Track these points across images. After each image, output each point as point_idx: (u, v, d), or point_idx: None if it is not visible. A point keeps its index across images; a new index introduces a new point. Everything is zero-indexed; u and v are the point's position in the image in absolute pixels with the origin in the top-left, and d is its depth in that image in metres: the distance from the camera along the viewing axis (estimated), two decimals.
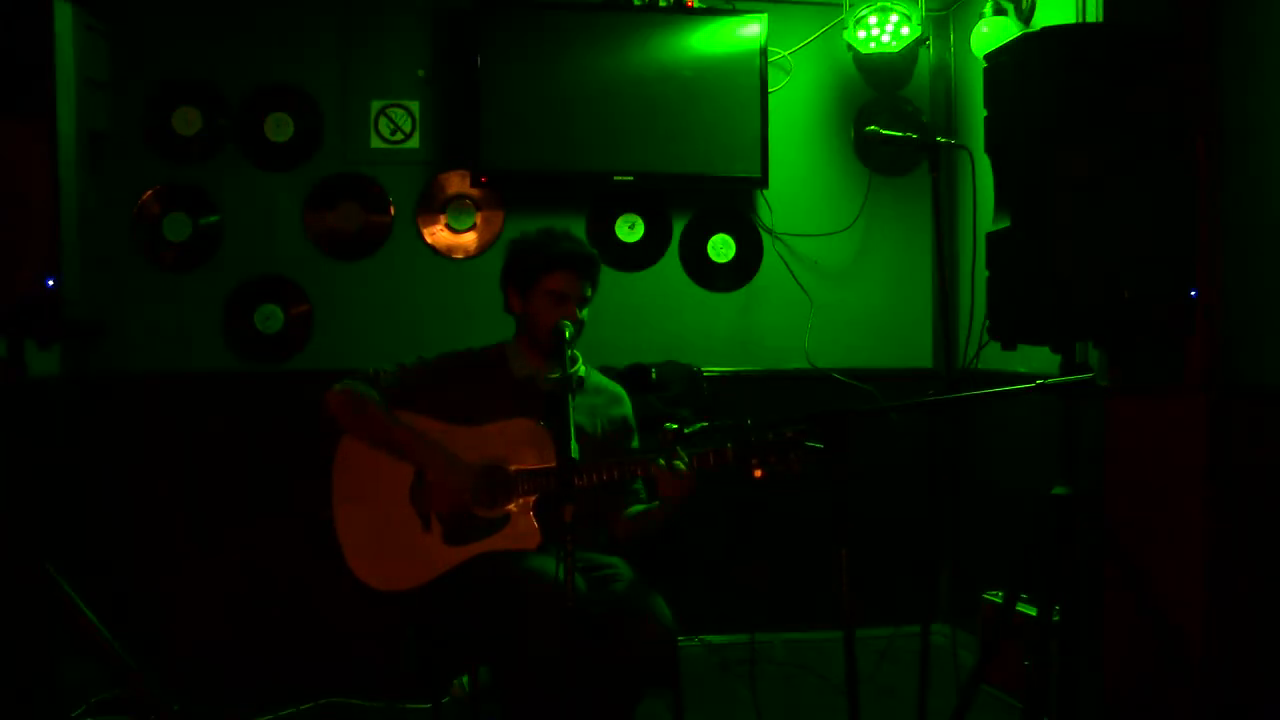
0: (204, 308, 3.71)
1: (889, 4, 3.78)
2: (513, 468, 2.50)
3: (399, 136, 3.79)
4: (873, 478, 3.72)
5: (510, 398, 2.60)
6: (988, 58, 2.56)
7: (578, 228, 3.82)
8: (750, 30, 3.81)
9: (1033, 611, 2.88)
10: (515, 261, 2.68)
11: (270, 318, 3.74)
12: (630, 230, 3.92)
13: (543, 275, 2.61)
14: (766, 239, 3.98)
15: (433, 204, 3.82)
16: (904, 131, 3.48)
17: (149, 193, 3.68)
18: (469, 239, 3.84)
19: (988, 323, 2.57)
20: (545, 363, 2.68)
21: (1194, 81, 2.75)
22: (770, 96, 3.86)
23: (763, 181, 3.85)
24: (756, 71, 3.81)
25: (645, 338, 3.86)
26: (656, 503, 2.57)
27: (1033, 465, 3.27)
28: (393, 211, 3.80)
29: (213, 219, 3.71)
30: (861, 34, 3.81)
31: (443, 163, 3.81)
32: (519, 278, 2.66)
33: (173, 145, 3.69)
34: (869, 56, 3.95)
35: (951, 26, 4.06)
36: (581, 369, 2.74)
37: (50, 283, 2.26)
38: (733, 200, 3.97)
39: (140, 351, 3.65)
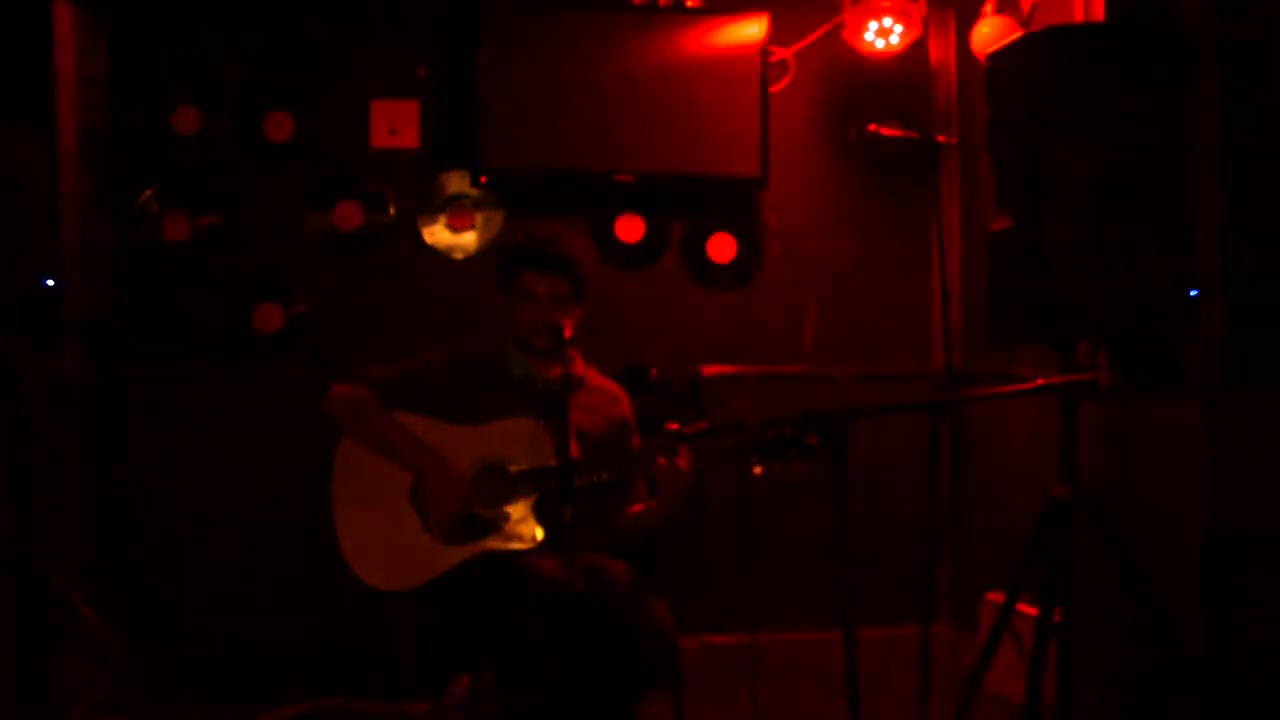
0: (204, 308, 3.70)
1: (889, 4, 3.77)
2: (512, 468, 2.50)
3: (399, 136, 3.79)
4: (873, 477, 3.72)
5: (509, 397, 2.61)
6: (988, 58, 2.56)
7: (578, 228, 3.82)
8: (750, 30, 3.80)
9: (1033, 611, 2.87)
10: (498, 265, 2.73)
11: (270, 318, 3.73)
12: (630, 230, 3.92)
13: (515, 275, 2.65)
14: (767, 239, 3.98)
15: (432, 204, 3.82)
16: (904, 131, 3.48)
17: (148, 192, 3.68)
18: (469, 239, 3.83)
19: (988, 323, 2.57)
20: (543, 363, 2.68)
21: (1194, 81, 2.75)
22: (770, 96, 3.85)
23: (763, 181, 3.85)
24: (756, 71, 3.81)
25: (645, 338, 3.86)
26: (656, 502, 2.57)
27: (1033, 465, 3.27)
28: (392, 211, 3.80)
29: (212, 219, 3.71)
30: (861, 34, 3.80)
31: (443, 162, 3.81)
32: (500, 279, 2.71)
33: (172, 145, 3.68)
34: (869, 56, 3.94)
35: (951, 26, 4.06)
36: (580, 369, 2.74)
37: (50, 282, 2.26)
38: (733, 200, 3.96)
39: (140, 351, 3.64)
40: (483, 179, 3.72)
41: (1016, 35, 2.48)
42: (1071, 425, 2.45)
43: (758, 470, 2.34)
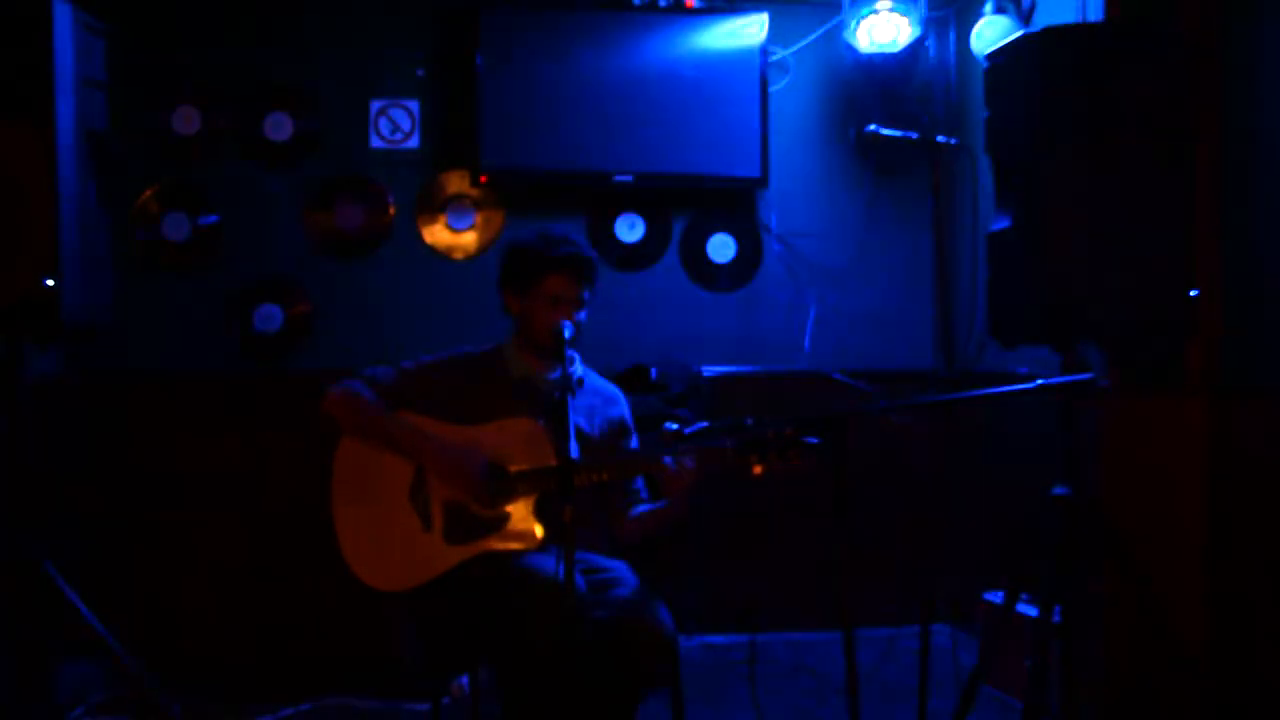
0: (204, 308, 3.71)
1: (889, 4, 3.77)
2: (512, 468, 2.50)
3: (399, 136, 3.80)
4: (873, 477, 3.72)
5: (508, 398, 2.60)
6: (988, 58, 2.56)
7: (577, 228, 3.82)
8: (750, 30, 3.81)
9: (1033, 611, 2.88)
10: (512, 264, 2.67)
11: (270, 318, 3.74)
12: (630, 230, 3.92)
13: (540, 278, 2.60)
14: (766, 239, 3.98)
15: (432, 204, 3.82)
16: (904, 131, 3.49)
17: (148, 192, 3.68)
18: (469, 239, 3.84)
19: (988, 323, 2.57)
20: (542, 363, 2.68)
21: (1195, 81, 2.74)
22: (770, 96, 3.86)
23: (763, 181, 3.85)
24: (756, 71, 3.82)
25: (645, 338, 3.86)
26: (664, 502, 2.56)
27: (1033, 465, 3.26)
28: (392, 211, 3.80)
29: (212, 219, 3.71)
30: (861, 34, 3.80)
31: (443, 163, 3.81)
32: (516, 280, 2.66)
33: (172, 145, 3.69)
34: (869, 56, 3.94)
35: (951, 26, 4.06)
36: (579, 369, 2.74)
37: (50, 283, 2.26)
38: (733, 200, 3.97)
39: (140, 351, 3.65)
40: (483, 179, 3.72)
41: (1016, 35, 2.48)
42: (1071, 425, 2.45)
43: (758, 470, 2.34)
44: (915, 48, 3.96)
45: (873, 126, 3.46)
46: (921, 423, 3.82)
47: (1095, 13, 3.02)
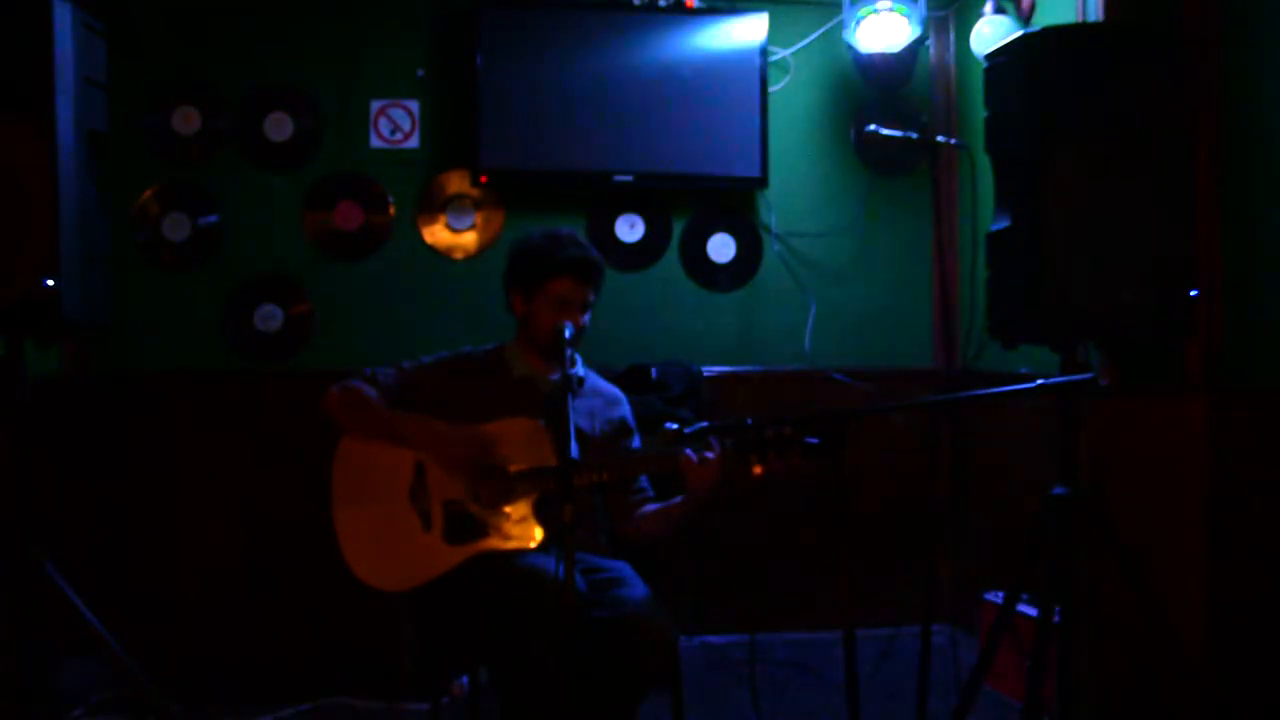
0: (204, 308, 3.71)
1: (889, 4, 3.77)
2: (512, 468, 2.50)
3: (399, 136, 3.79)
4: (873, 477, 3.73)
5: (509, 398, 2.60)
6: (988, 58, 2.56)
7: (577, 228, 3.81)
8: (750, 30, 3.81)
9: (1033, 611, 2.88)
10: (520, 263, 2.67)
11: (270, 318, 3.73)
12: (630, 230, 3.92)
13: (548, 280, 2.60)
14: (766, 239, 3.98)
15: (432, 204, 3.82)
16: (904, 131, 3.48)
17: (148, 192, 3.68)
18: (469, 239, 3.84)
19: (988, 323, 2.57)
20: (545, 363, 2.68)
21: (1195, 81, 2.75)
22: (770, 96, 3.86)
23: (763, 181, 3.86)
24: (756, 71, 3.82)
25: (645, 338, 3.86)
26: (678, 499, 2.56)
27: (1033, 465, 3.27)
28: (392, 211, 3.80)
29: (212, 219, 3.71)
30: (861, 34, 3.80)
31: (443, 162, 3.81)
32: (523, 280, 2.65)
33: (172, 145, 3.69)
34: (869, 56, 3.95)
35: (951, 26, 4.06)
36: (581, 370, 2.74)
37: (50, 282, 2.25)
38: (733, 200, 3.97)
39: (140, 351, 3.65)
40: (483, 179, 3.73)
41: (1016, 35, 2.48)
42: (1071, 425, 2.45)
43: (758, 470, 2.34)
44: (915, 48, 3.96)
45: (873, 126, 3.46)
46: (921, 423, 3.82)
47: (1095, 13, 3.02)
